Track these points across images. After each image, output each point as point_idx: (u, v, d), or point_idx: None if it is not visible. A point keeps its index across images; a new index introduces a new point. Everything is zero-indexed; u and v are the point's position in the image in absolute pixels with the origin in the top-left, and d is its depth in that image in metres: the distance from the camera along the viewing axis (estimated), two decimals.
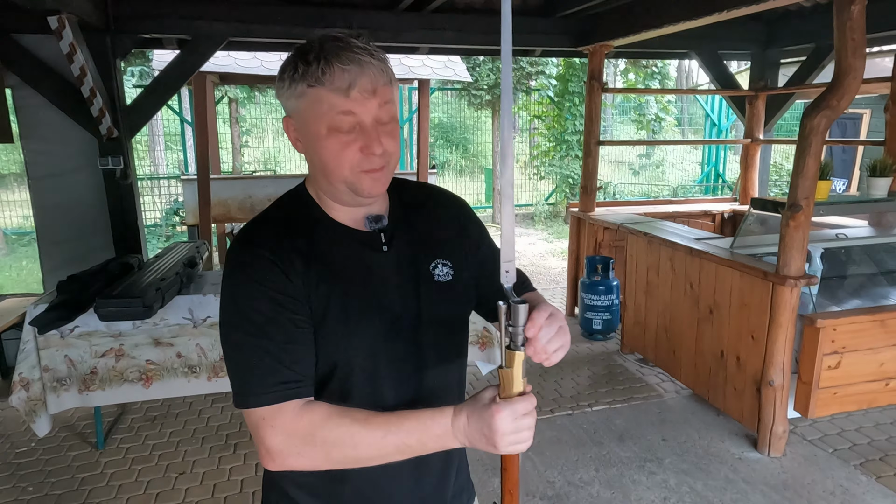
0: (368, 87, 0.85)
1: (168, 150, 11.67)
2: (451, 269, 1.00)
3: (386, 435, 0.83)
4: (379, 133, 0.88)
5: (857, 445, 2.98)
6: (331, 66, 0.83)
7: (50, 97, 3.56)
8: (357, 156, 0.87)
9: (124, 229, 3.80)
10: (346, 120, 0.86)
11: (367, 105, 0.86)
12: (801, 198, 2.63)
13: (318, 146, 0.88)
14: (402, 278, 0.96)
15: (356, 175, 0.89)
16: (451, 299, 1.01)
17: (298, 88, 0.86)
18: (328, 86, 0.84)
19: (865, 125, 7.81)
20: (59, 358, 2.79)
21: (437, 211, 1.05)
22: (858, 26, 2.47)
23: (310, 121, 0.87)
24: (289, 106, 0.90)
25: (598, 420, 3.29)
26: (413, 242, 0.99)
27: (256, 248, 0.89)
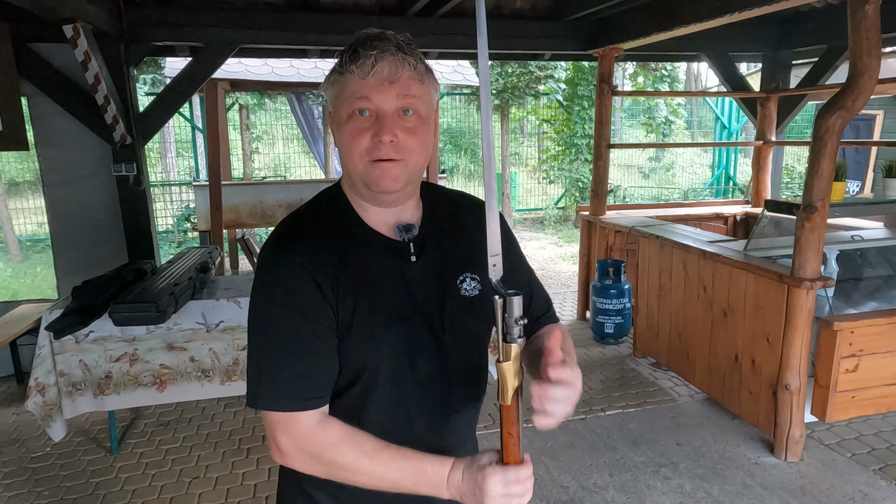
0: (387, 74, 0.86)
1: (180, 157, 11.76)
2: (479, 284, 0.99)
3: (386, 473, 0.86)
4: (394, 124, 0.87)
5: (876, 450, 2.94)
6: (356, 52, 0.86)
7: (65, 105, 3.61)
8: (368, 143, 0.87)
9: (137, 235, 3.83)
10: (363, 105, 0.87)
11: (384, 92, 0.86)
12: (817, 199, 2.60)
13: (339, 133, 0.91)
14: (430, 290, 0.96)
15: (366, 165, 0.89)
16: (476, 314, 1.00)
17: (332, 77, 0.90)
18: (353, 71, 0.86)
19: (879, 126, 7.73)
20: (73, 363, 2.81)
21: (468, 222, 1.03)
22: (873, 25, 2.44)
23: (336, 108, 0.91)
24: (328, 98, 0.93)
25: (611, 424, 3.26)
26: (443, 254, 0.98)
27: (288, 253, 0.90)
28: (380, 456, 0.87)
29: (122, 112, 3.55)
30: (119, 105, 3.50)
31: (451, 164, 14.20)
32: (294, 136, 12.32)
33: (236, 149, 10.22)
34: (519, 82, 9.34)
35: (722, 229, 4.98)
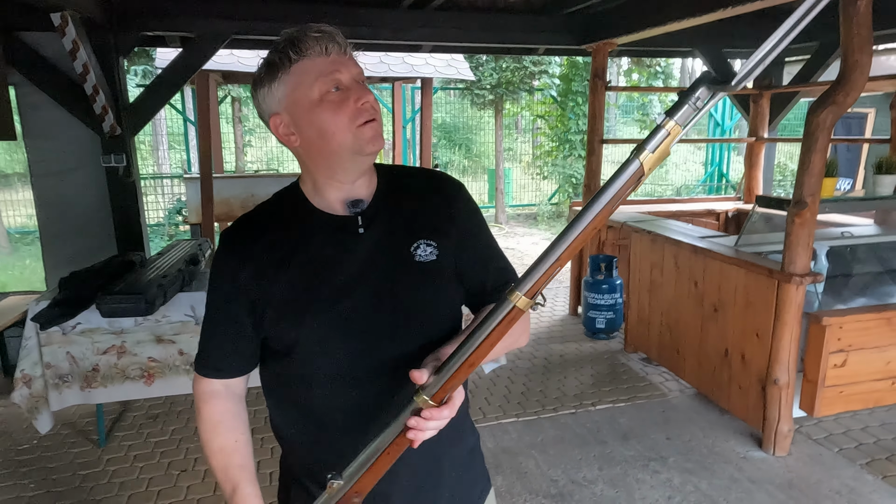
0: (340, 49, 0.92)
1: (172, 150, 11.69)
2: (436, 250, 0.99)
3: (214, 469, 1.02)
4: (362, 87, 0.94)
5: (863, 445, 2.96)
6: (303, 40, 0.90)
7: (53, 94, 3.57)
8: (352, 108, 0.92)
9: (127, 227, 3.80)
10: (332, 80, 0.91)
11: (345, 64, 0.93)
12: (807, 194, 2.60)
13: (313, 116, 0.92)
14: (377, 259, 0.97)
15: (356, 131, 0.92)
16: (434, 280, 0.99)
17: (280, 76, 0.92)
18: (309, 55, 0.90)
19: (870, 124, 7.78)
20: (61, 355, 2.78)
21: (427, 192, 1.05)
22: (865, 21, 2.44)
23: (300, 95, 0.92)
24: (274, 102, 0.94)
25: (601, 419, 3.27)
26: (395, 224, 1.00)
27: (224, 244, 1.00)
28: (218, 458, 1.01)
29: (112, 102, 3.51)
30: (108, 95, 3.47)
31: (446, 159, 14.18)
32: None
33: (228, 142, 10.16)
34: (513, 77, 9.32)
35: (714, 225, 5.00)
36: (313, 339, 0.95)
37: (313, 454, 1.02)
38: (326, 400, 0.98)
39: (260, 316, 0.97)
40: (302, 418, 1.01)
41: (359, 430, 0.97)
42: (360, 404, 0.97)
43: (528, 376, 3.84)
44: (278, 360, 0.99)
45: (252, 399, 3.52)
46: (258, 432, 3.14)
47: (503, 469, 2.80)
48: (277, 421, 1.06)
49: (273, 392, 1.05)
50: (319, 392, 0.98)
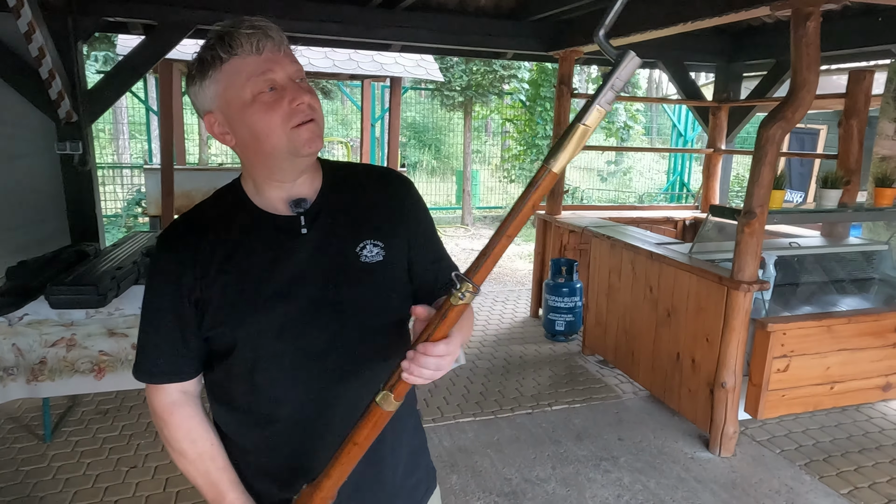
0: (274, 46, 0.89)
1: (133, 140, 11.38)
2: (382, 250, 0.98)
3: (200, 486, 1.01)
4: (298, 87, 0.90)
5: (803, 447, 3.09)
6: (234, 37, 0.87)
7: (6, 78, 3.44)
8: (285, 110, 0.89)
9: (81, 217, 3.69)
10: (265, 80, 0.88)
11: (280, 62, 0.89)
12: (756, 205, 2.71)
13: (245, 117, 0.89)
14: (320, 261, 0.95)
15: (289, 133, 0.90)
16: (380, 283, 0.98)
17: (211, 74, 0.89)
18: (240, 54, 0.87)
19: (822, 140, 8.11)
20: (5, 346, 2.68)
21: (374, 190, 1.03)
22: (813, 42, 2.56)
23: (231, 96, 0.89)
24: (206, 100, 0.91)
25: (557, 419, 3.33)
26: (339, 224, 0.98)
27: (162, 245, 0.99)
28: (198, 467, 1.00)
29: (68, 88, 3.41)
30: (65, 80, 3.37)
31: (415, 159, 14.18)
32: None
33: (192, 133, 9.94)
34: (483, 80, 9.39)
35: (672, 233, 5.14)
36: (252, 341, 0.94)
37: (259, 454, 1.01)
38: (268, 401, 0.97)
39: (201, 316, 0.95)
40: (245, 418, 1.00)
41: (302, 432, 0.98)
42: (303, 405, 0.97)
43: (487, 376, 3.88)
44: (219, 362, 0.98)
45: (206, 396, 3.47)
46: None
47: (458, 468, 2.83)
48: (221, 421, 1.04)
49: (216, 392, 1.03)
50: (261, 393, 0.96)
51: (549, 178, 0.73)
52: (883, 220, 3.69)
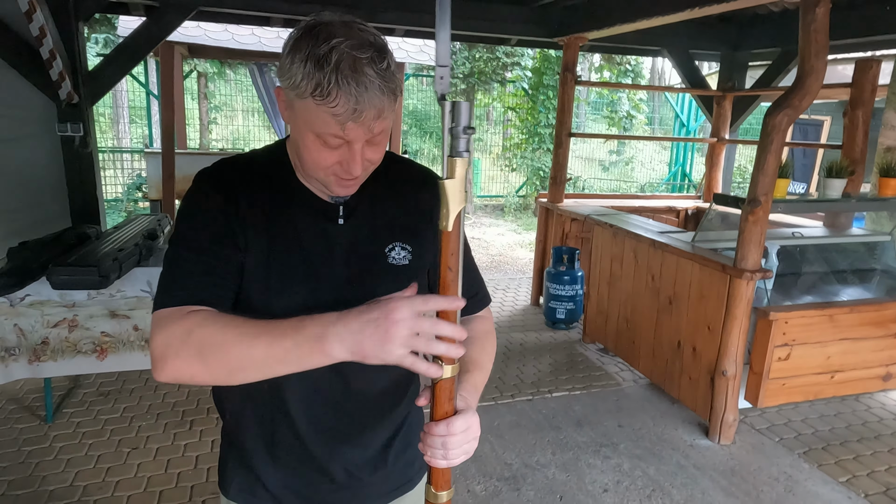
0: (368, 123, 0.82)
1: (133, 124, 11.32)
2: (409, 255, 0.98)
3: (258, 335, 0.77)
4: (364, 151, 0.85)
5: (802, 435, 3.11)
6: (339, 93, 0.78)
7: (6, 58, 3.40)
8: (336, 167, 0.86)
9: (83, 199, 3.67)
10: (335, 141, 0.83)
11: (359, 132, 0.83)
12: (761, 193, 2.70)
13: (301, 143, 0.86)
14: (353, 254, 0.95)
15: (329, 178, 0.88)
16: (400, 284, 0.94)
17: (301, 88, 0.80)
18: (330, 108, 0.79)
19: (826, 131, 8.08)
20: (7, 327, 2.69)
21: (413, 194, 1.02)
22: (822, 28, 2.54)
23: (300, 121, 0.84)
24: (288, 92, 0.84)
25: (557, 406, 3.34)
26: (372, 220, 0.97)
27: (212, 180, 0.92)
28: (250, 322, 0.79)
29: (70, 69, 3.38)
30: (66, 61, 3.33)
31: (416, 147, 14.12)
32: (255, 108, 11.99)
33: (193, 118, 9.89)
34: (486, 68, 9.33)
35: (674, 222, 5.13)
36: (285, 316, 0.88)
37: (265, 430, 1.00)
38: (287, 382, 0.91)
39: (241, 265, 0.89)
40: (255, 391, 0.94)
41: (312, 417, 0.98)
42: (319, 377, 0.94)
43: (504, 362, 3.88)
44: None
45: None
46: (188, 415, 3.10)
47: None
48: (226, 393, 1.03)
49: None
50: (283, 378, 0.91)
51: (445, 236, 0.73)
52: (886, 211, 3.68)
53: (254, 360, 0.77)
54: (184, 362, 0.79)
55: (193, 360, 0.78)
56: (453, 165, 0.71)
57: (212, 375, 0.80)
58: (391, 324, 0.70)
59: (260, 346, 0.76)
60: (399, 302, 0.71)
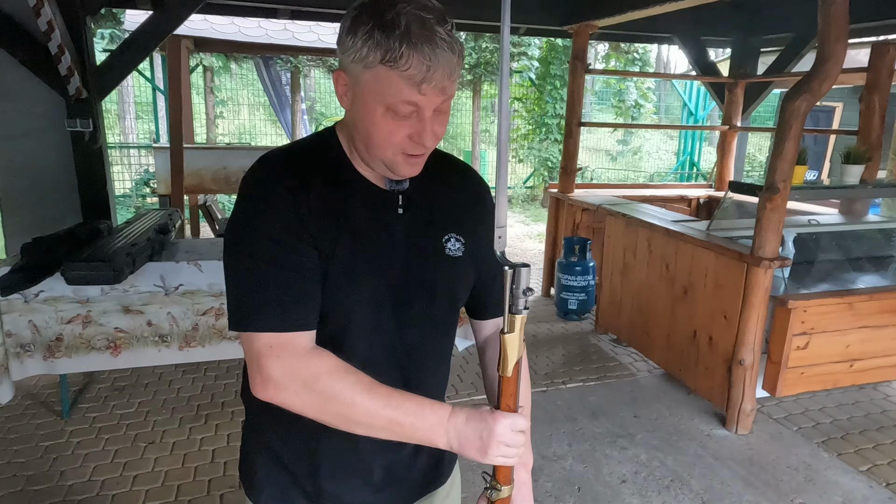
0: (441, 83, 0.81)
1: (139, 120, 11.33)
2: (463, 245, 0.99)
3: (384, 407, 0.83)
4: (434, 122, 0.85)
5: (821, 424, 3.08)
6: (412, 53, 0.78)
7: (14, 53, 3.39)
8: (405, 141, 0.85)
9: (93, 194, 3.66)
10: (407, 108, 0.82)
11: (433, 99, 0.82)
12: (779, 180, 2.66)
13: (369, 121, 0.85)
14: (414, 243, 0.95)
15: (397, 157, 0.87)
16: (457, 275, 0.99)
17: (370, 58, 0.80)
18: (404, 72, 0.79)
19: (838, 118, 7.99)
20: (22, 323, 2.69)
21: (460, 187, 1.03)
22: (842, 12, 2.49)
23: (368, 95, 0.83)
24: (349, 66, 0.83)
25: (571, 397, 3.33)
26: (430, 211, 0.97)
27: (277, 176, 0.87)
28: (377, 389, 0.84)
29: (78, 64, 3.36)
30: (74, 56, 3.32)
31: None
32: (260, 103, 11.98)
33: (199, 114, 9.88)
34: (492, 58, 9.27)
35: (686, 211, 5.08)
36: (353, 310, 0.91)
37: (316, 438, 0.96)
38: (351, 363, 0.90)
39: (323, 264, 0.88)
40: None
41: None
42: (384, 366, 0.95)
43: None
44: None
45: (222, 372, 3.48)
46: (203, 409, 3.11)
47: None
48: None
49: None
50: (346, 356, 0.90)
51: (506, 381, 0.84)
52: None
53: (370, 427, 0.85)
54: (301, 401, 0.85)
55: (312, 404, 0.85)
56: (513, 322, 0.81)
57: (321, 419, 0.86)
58: (492, 439, 0.83)
59: (381, 419, 0.84)
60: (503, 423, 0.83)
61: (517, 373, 0.83)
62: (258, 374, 0.84)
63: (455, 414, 0.85)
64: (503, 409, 0.84)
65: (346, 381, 0.83)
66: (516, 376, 0.83)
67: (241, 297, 0.86)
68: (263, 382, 0.84)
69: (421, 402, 0.85)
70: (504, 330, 0.82)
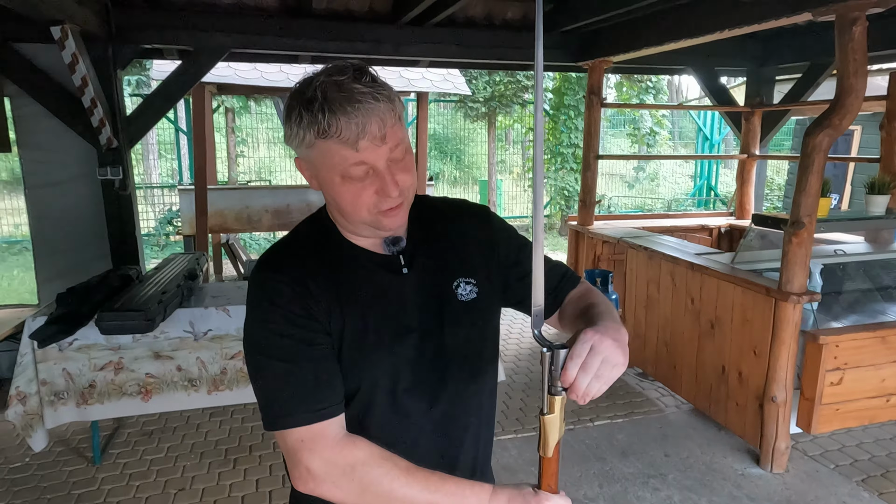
0: (377, 134, 0.83)
1: (162, 159, 11.61)
2: (476, 287, 0.99)
3: (422, 491, 0.83)
4: (393, 173, 0.87)
5: (859, 461, 2.99)
6: (336, 118, 0.81)
7: (49, 106, 3.53)
8: (373, 198, 0.87)
9: (122, 240, 3.76)
10: (358, 169, 0.85)
11: (377, 152, 0.84)
12: (804, 215, 2.65)
13: (333, 192, 0.88)
14: (424, 300, 0.95)
15: (374, 216, 0.89)
16: (474, 319, 0.99)
17: (307, 138, 0.84)
18: (336, 139, 0.82)
19: (857, 141, 7.93)
20: (56, 371, 2.75)
21: (458, 226, 1.03)
22: (860, 47, 2.51)
23: (322, 169, 0.87)
24: (297, 147, 0.88)
25: (599, 435, 3.28)
26: (435, 262, 0.98)
27: (278, 275, 0.90)
28: (415, 473, 0.85)
29: (109, 115, 3.49)
30: (106, 108, 3.45)
31: (437, 169, 14.23)
32: (278, 139, 12.22)
33: (221, 152, 10.10)
34: (507, 91, 9.39)
35: (707, 241, 5.05)
36: (373, 384, 0.92)
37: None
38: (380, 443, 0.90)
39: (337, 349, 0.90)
40: None
41: None
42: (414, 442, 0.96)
43: (526, 391, 3.85)
44: None
45: (248, 414, 3.48)
46: (231, 453, 3.11)
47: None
48: None
49: None
50: (374, 435, 0.91)
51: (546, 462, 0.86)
52: None
53: None
54: (341, 492, 0.85)
55: (351, 492, 0.84)
56: (553, 403, 0.81)
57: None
58: None
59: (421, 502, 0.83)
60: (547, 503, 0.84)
61: (558, 453, 0.84)
62: (296, 468, 0.86)
63: (496, 494, 0.85)
64: (544, 489, 0.84)
65: (382, 468, 0.84)
66: (557, 456, 0.84)
67: (267, 398, 0.88)
68: (302, 476, 0.85)
69: (460, 484, 0.85)
70: (544, 411, 0.82)
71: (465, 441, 1.02)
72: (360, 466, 0.84)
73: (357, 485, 0.84)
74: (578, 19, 4.02)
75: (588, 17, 3.89)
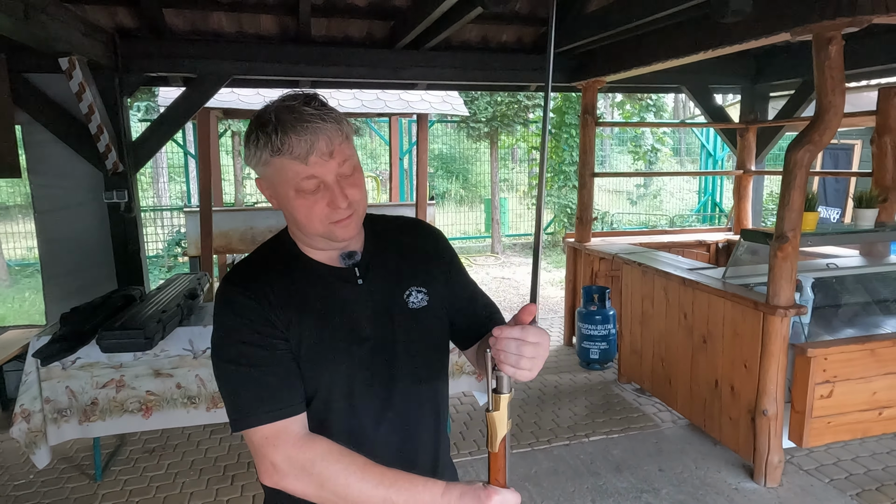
0: (325, 150, 0.93)
1: (171, 182, 11.82)
2: (426, 296, 1.08)
3: (377, 487, 0.89)
4: (342, 187, 0.96)
5: (854, 475, 2.99)
6: (288, 136, 0.91)
7: (58, 133, 3.67)
8: (325, 210, 0.96)
9: (127, 262, 3.86)
10: (309, 183, 0.94)
11: (326, 167, 0.94)
12: (788, 229, 2.69)
13: (290, 206, 0.97)
14: (377, 308, 1.04)
15: (327, 227, 0.97)
16: (426, 325, 1.08)
17: (263, 157, 0.94)
18: (288, 155, 0.92)
19: (857, 155, 7.94)
20: (60, 389, 2.82)
21: (410, 241, 1.13)
22: (837, 65, 2.57)
23: (278, 185, 0.96)
24: (256, 167, 0.98)
25: (595, 450, 3.30)
26: (387, 273, 1.07)
27: (237, 287, 0.99)
28: (370, 469, 0.91)
29: (115, 140, 3.62)
30: (112, 134, 3.57)
31: (443, 188, 14.35)
32: None
33: (228, 174, 10.29)
34: (508, 111, 9.52)
35: (704, 256, 5.08)
36: (330, 388, 0.99)
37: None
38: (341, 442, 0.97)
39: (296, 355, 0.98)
40: None
41: None
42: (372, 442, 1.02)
43: (523, 407, 3.87)
44: None
45: None
46: (230, 469, 3.16)
47: None
48: None
49: None
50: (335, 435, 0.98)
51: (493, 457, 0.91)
52: None
53: None
54: (302, 485, 0.92)
55: (310, 486, 0.92)
56: (498, 400, 0.87)
57: (321, 501, 0.93)
58: None
59: (376, 499, 0.89)
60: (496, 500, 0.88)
61: (504, 448, 0.89)
62: (261, 463, 0.94)
63: (449, 490, 0.91)
64: (492, 483, 0.90)
65: (340, 464, 0.91)
66: (503, 451, 0.90)
67: (232, 401, 0.96)
68: (267, 471, 0.93)
69: (413, 480, 0.91)
70: (489, 408, 0.88)
71: (422, 440, 1.09)
72: (320, 462, 0.91)
73: (316, 479, 0.90)
74: (571, 41, 4.12)
75: (580, 38, 3.99)
